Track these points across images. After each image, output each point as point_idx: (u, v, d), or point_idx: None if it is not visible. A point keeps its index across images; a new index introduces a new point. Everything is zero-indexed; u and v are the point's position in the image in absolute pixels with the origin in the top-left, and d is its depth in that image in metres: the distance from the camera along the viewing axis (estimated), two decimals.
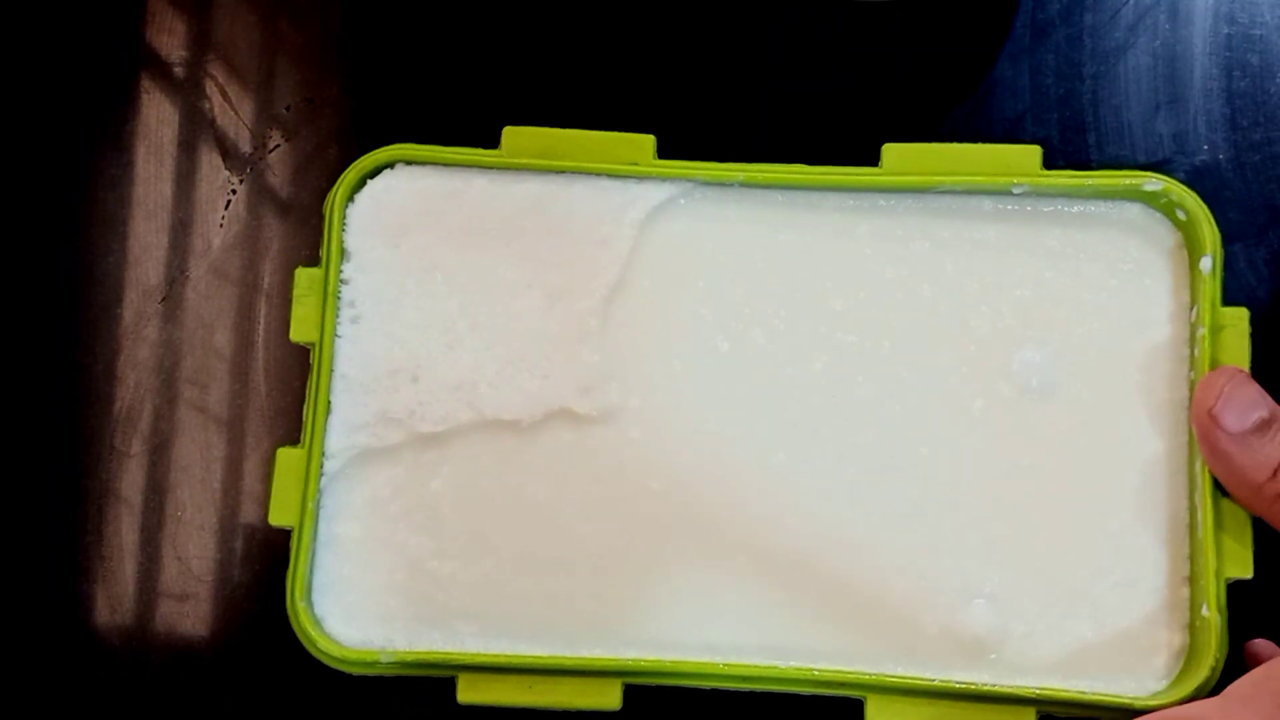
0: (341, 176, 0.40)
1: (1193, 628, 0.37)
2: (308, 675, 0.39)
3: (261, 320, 0.43)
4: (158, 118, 0.44)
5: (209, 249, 0.43)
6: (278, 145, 0.44)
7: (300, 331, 0.40)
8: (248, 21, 0.44)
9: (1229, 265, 0.40)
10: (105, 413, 0.42)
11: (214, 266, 0.43)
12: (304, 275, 0.40)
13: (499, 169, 0.41)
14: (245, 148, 0.44)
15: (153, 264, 0.43)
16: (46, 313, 0.43)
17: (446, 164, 0.41)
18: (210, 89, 0.44)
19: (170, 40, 0.44)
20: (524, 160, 0.40)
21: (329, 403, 0.39)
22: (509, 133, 0.41)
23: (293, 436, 0.42)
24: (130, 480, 0.42)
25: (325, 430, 0.39)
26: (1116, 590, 0.38)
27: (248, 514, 0.42)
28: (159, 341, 0.43)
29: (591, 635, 0.38)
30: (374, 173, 0.41)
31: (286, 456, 0.39)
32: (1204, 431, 0.37)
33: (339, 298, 0.40)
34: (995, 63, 0.43)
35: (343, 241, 0.40)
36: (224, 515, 0.42)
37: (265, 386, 0.42)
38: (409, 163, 0.41)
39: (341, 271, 0.40)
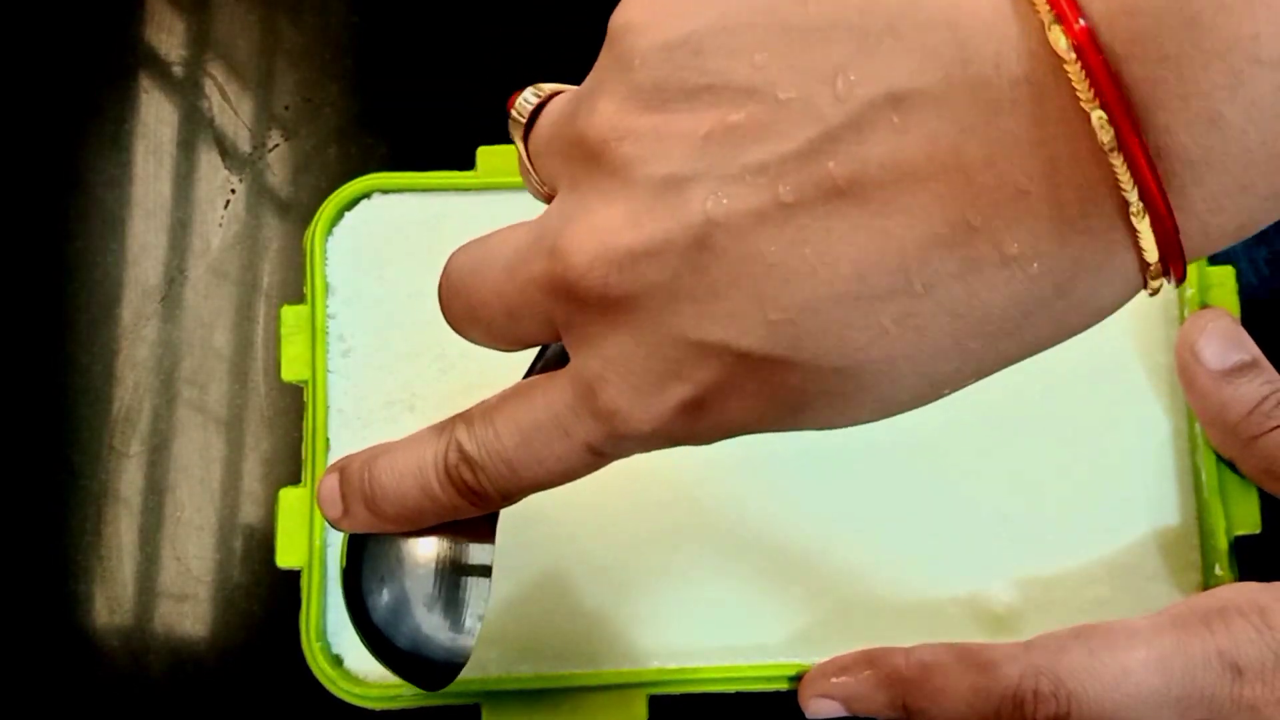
0: (318, 212, 0.40)
1: (1206, 587, 0.37)
2: (307, 677, 0.38)
3: (261, 320, 0.43)
4: (157, 117, 0.44)
5: (208, 249, 0.43)
6: (277, 145, 0.44)
7: (291, 371, 0.39)
8: (247, 21, 0.44)
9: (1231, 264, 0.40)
10: (104, 413, 0.42)
11: (213, 266, 0.43)
12: (290, 313, 0.40)
13: (476, 190, 0.40)
14: (245, 147, 0.44)
15: (152, 264, 0.43)
16: (46, 313, 0.43)
17: (423, 190, 0.40)
18: (209, 88, 0.44)
19: (169, 39, 0.44)
20: (500, 179, 0.40)
21: (327, 439, 0.39)
22: (484, 153, 0.40)
23: (292, 436, 0.41)
24: (129, 480, 0.42)
25: (326, 467, 0.39)
26: (1131, 553, 0.38)
27: (247, 514, 0.42)
28: (158, 341, 0.43)
29: (612, 650, 0.38)
30: (350, 205, 0.40)
31: (289, 497, 0.38)
32: (1184, 367, 0.37)
33: (327, 333, 0.40)
34: None
35: (326, 276, 0.40)
36: (223, 515, 0.41)
37: (265, 386, 0.42)
38: (385, 192, 0.40)
39: (328, 306, 0.40)
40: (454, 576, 0.32)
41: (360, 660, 0.38)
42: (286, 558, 0.38)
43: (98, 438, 0.42)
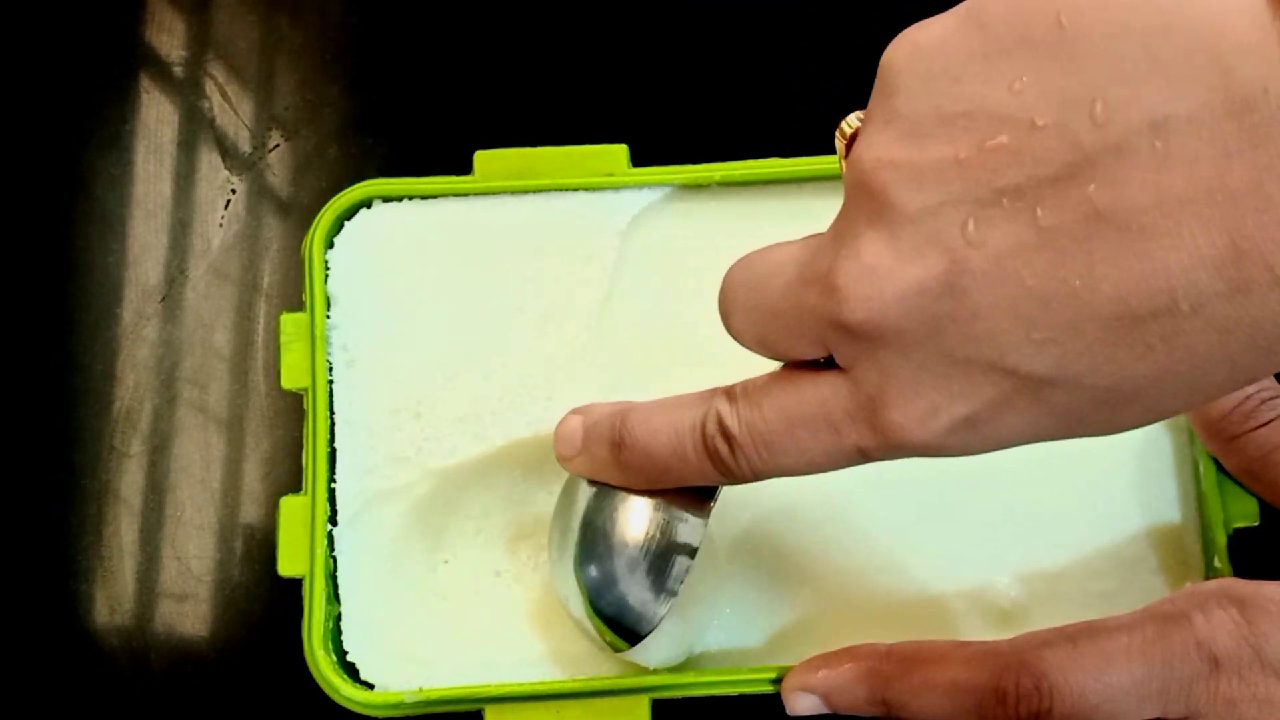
0: (315, 220, 0.39)
1: (1206, 579, 0.37)
2: (307, 677, 0.38)
3: (261, 320, 0.43)
4: (157, 117, 0.44)
5: (209, 249, 0.43)
6: (277, 145, 0.44)
7: (291, 379, 0.39)
8: (247, 21, 0.44)
9: None
10: (105, 413, 0.42)
11: (214, 266, 0.43)
12: (289, 321, 0.39)
13: (475, 195, 0.40)
14: (245, 147, 0.44)
15: (152, 264, 0.43)
16: (46, 313, 0.43)
17: (422, 196, 0.40)
18: (210, 88, 0.44)
19: (170, 40, 0.44)
20: (499, 183, 0.40)
21: (330, 447, 0.38)
22: (480, 157, 0.40)
23: (293, 436, 0.42)
24: (130, 480, 0.42)
25: (327, 475, 0.38)
26: (1134, 547, 0.38)
27: (247, 514, 0.42)
28: (159, 341, 0.43)
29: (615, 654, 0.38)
30: (350, 213, 0.40)
31: (290, 505, 0.38)
32: None
33: (330, 342, 0.39)
34: None
35: (326, 285, 0.39)
36: (223, 515, 0.42)
37: (265, 386, 0.42)
38: (384, 199, 0.40)
39: (329, 316, 0.39)
40: (663, 543, 0.33)
41: (376, 668, 0.38)
42: (288, 566, 0.38)
43: (98, 438, 0.42)
